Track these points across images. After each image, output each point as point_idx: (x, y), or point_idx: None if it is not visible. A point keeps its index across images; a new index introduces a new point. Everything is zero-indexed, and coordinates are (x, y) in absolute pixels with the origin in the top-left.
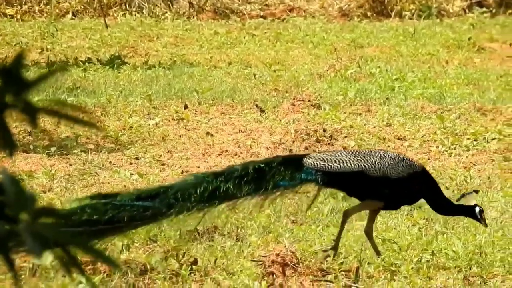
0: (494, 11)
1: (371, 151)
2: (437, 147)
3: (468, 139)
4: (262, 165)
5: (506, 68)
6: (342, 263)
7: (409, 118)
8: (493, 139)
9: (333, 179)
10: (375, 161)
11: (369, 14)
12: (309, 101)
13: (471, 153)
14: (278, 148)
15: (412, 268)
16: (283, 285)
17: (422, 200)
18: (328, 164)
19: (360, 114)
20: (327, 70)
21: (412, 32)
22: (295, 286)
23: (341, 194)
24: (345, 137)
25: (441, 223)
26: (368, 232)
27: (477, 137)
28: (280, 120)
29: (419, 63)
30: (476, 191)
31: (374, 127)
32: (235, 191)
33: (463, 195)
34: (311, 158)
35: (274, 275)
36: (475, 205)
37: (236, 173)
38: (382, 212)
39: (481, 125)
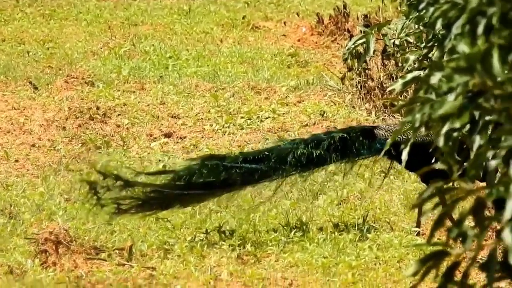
0: None
1: None
2: (211, 125)
3: (242, 117)
4: (344, 134)
5: (280, 47)
6: (115, 241)
7: (183, 96)
8: (267, 118)
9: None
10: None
11: None
12: (82, 78)
13: (245, 131)
14: (51, 125)
15: (185, 246)
16: (56, 263)
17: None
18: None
19: (134, 92)
20: (101, 48)
21: (187, 11)
22: (68, 264)
23: None
24: (119, 115)
25: (214, 202)
26: None
27: (251, 115)
28: (54, 98)
29: (193, 42)
30: None
31: (148, 105)
32: (326, 157)
33: None
34: (381, 129)
35: (47, 253)
36: None
37: (323, 141)
38: None
39: (255, 104)
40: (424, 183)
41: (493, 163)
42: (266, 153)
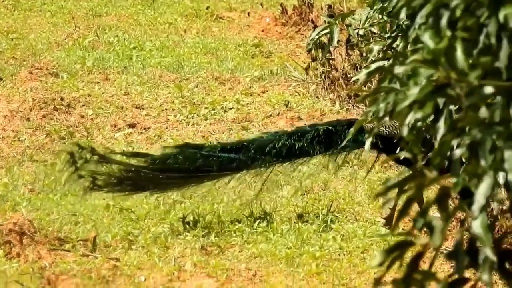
0: None
1: None
2: (175, 116)
3: (206, 108)
4: (330, 127)
5: (244, 38)
6: (79, 232)
7: (147, 87)
8: (231, 108)
9: (389, 143)
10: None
11: None
12: (47, 69)
13: (209, 122)
14: (16, 116)
15: (149, 237)
16: (20, 254)
17: None
18: (385, 130)
19: (98, 82)
20: (65, 39)
21: (151, 1)
22: (32, 255)
23: None
24: (83, 105)
25: (178, 194)
26: None
27: (215, 106)
28: (18, 88)
29: (157, 32)
30: None
31: (112, 95)
32: (309, 150)
33: None
34: (370, 122)
35: (11, 244)
36: None
37: (307, 134)
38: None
39: (219, 94)
40: None
41: (457, 152)
42: (245, 143)
